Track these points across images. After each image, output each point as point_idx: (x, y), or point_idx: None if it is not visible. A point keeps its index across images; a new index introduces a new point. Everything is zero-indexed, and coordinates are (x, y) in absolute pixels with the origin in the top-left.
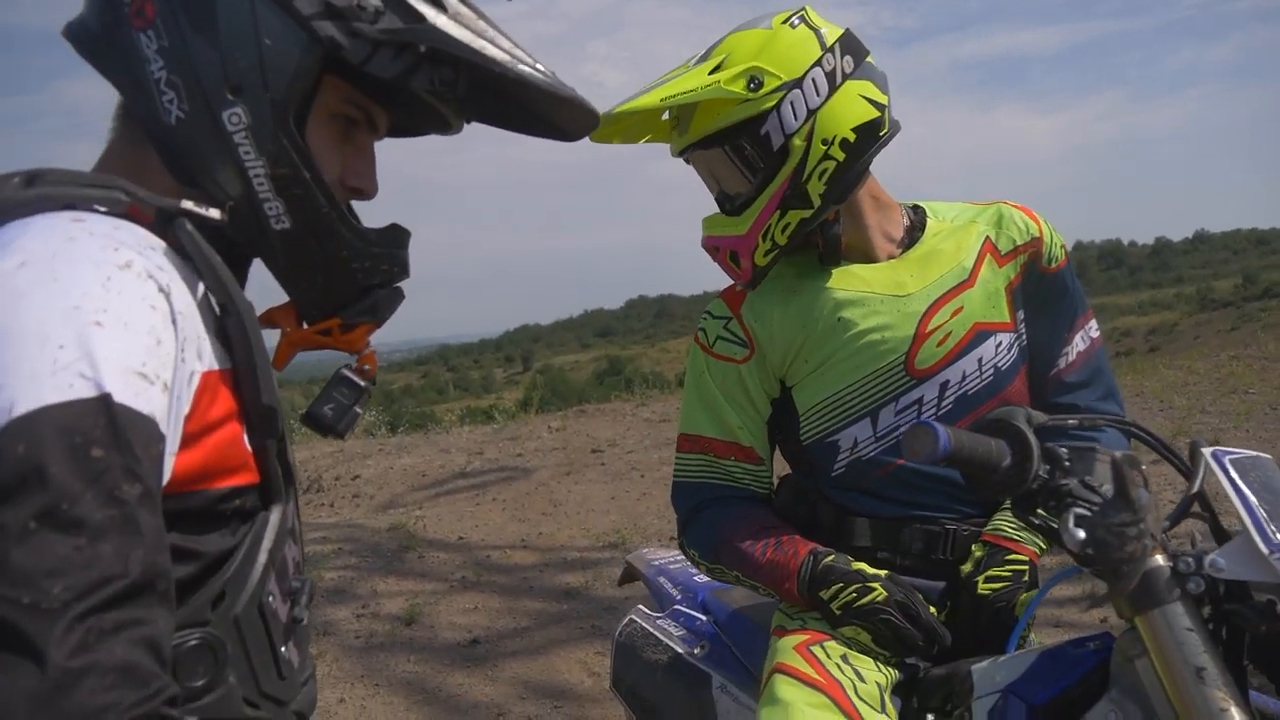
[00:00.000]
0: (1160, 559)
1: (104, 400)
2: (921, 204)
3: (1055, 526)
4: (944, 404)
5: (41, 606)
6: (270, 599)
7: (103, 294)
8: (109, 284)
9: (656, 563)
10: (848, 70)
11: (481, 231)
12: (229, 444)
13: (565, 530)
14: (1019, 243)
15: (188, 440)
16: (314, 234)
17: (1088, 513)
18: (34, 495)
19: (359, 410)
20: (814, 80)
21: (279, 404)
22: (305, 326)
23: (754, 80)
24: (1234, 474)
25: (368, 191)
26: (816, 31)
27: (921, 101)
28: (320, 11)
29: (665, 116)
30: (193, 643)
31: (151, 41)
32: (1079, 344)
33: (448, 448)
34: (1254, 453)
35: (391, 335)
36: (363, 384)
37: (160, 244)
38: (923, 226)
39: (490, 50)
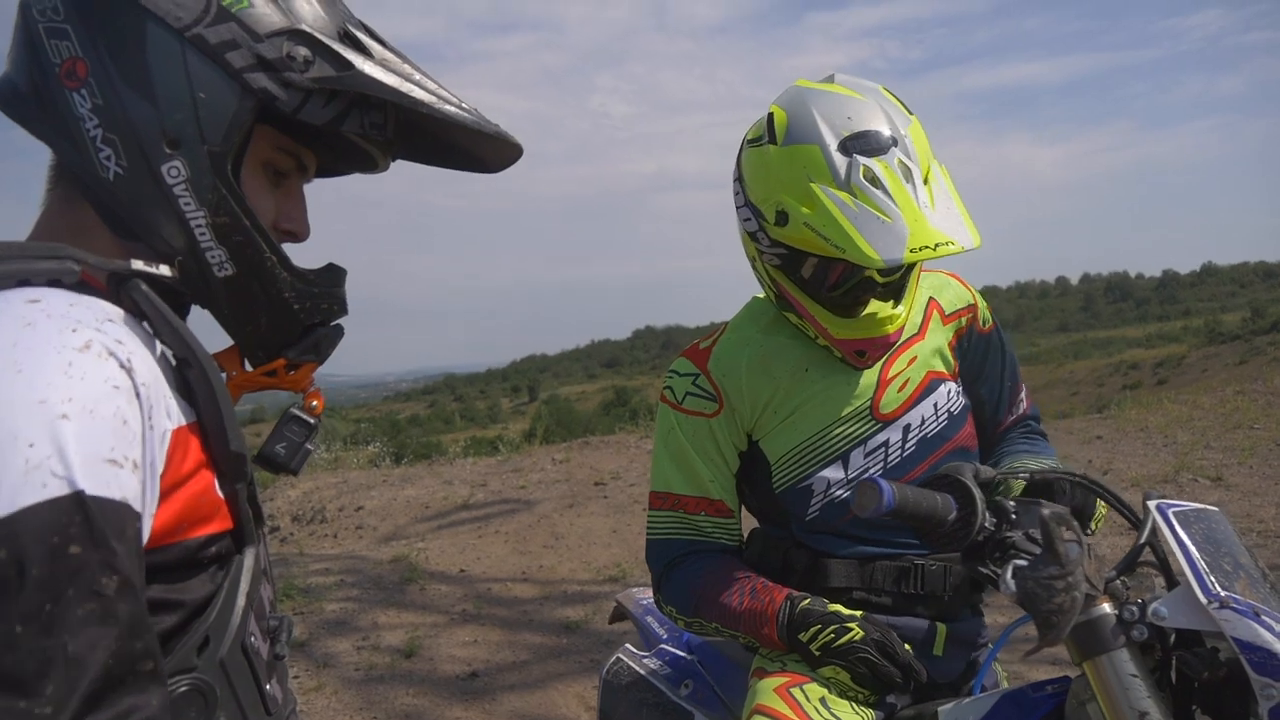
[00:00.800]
0: (1107, 607)
1: (77, 497)
2: None
3: (994, 580)
4: (907, 446)
5: (35, 713)
6: (252, 639)
7: (66, 383)
8: (70, 370)
9: (645, 602)
10: None
11: (489, 262)
12: (202, 494)
13: (566, 564)
14: (958, 307)
15: (164, 495)
16: (257, 278)
17: (1025, 564)
18: (18, 598)
19: (310, 447)
20: None
21: (246, 450)
22: (249, 369)
23: None
24: (1177, 526)
25: (300, 234)
26: None
27: (928, 132)
28: (252, 64)
29: None
30: (183, 689)
31: (85, 100)
32: (1023, 390)
33: (451, 479)
34: (1201, 505)
35: (398, 365)
36: (312, 421)
37: (117, 312)
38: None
39: (417, 93)
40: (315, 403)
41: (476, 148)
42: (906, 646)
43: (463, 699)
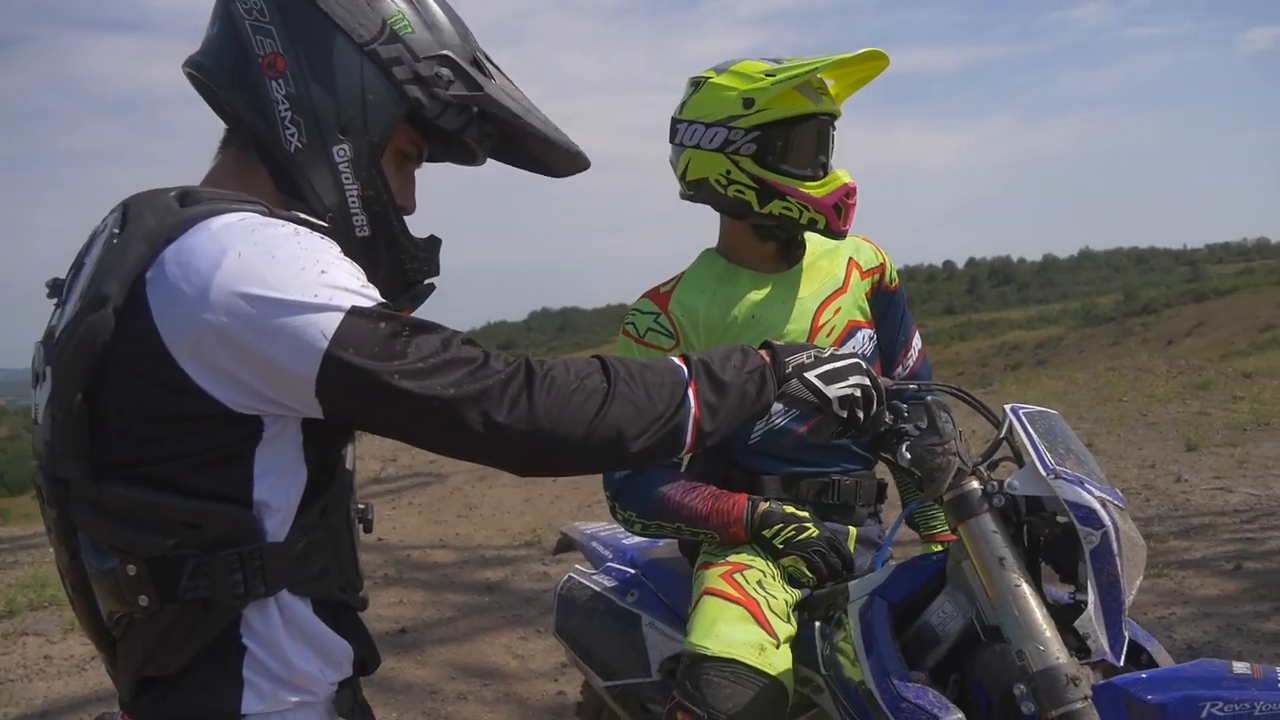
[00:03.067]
0: (975, 483)
1: (356, 310)
2: None
3: (894, 457)
4: None
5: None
6: (352, 514)
7: (304, 253)
8: (301, 244)
9: (588, 531)
10: None
11: None
12: None
13: (482, 531)
14: (872, 265)
15: None
16: (385, 241)
17: (913, 438)
18: (391, 354)
19: None
20: None
21: None
22: None
23: None
24: (1026, 422)
25: (410, 208)
26: None
27: None
28: (410, 78)
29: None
30: (309, 540)
31: (281, 88)
32: (916, 343)
33: (361, 454)
34: (1044, 409)
35: None
36: None
37: None
38: (803, 247)
39: (528, 117)
40: None
41: (553, 159)
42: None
43: (395, 652)
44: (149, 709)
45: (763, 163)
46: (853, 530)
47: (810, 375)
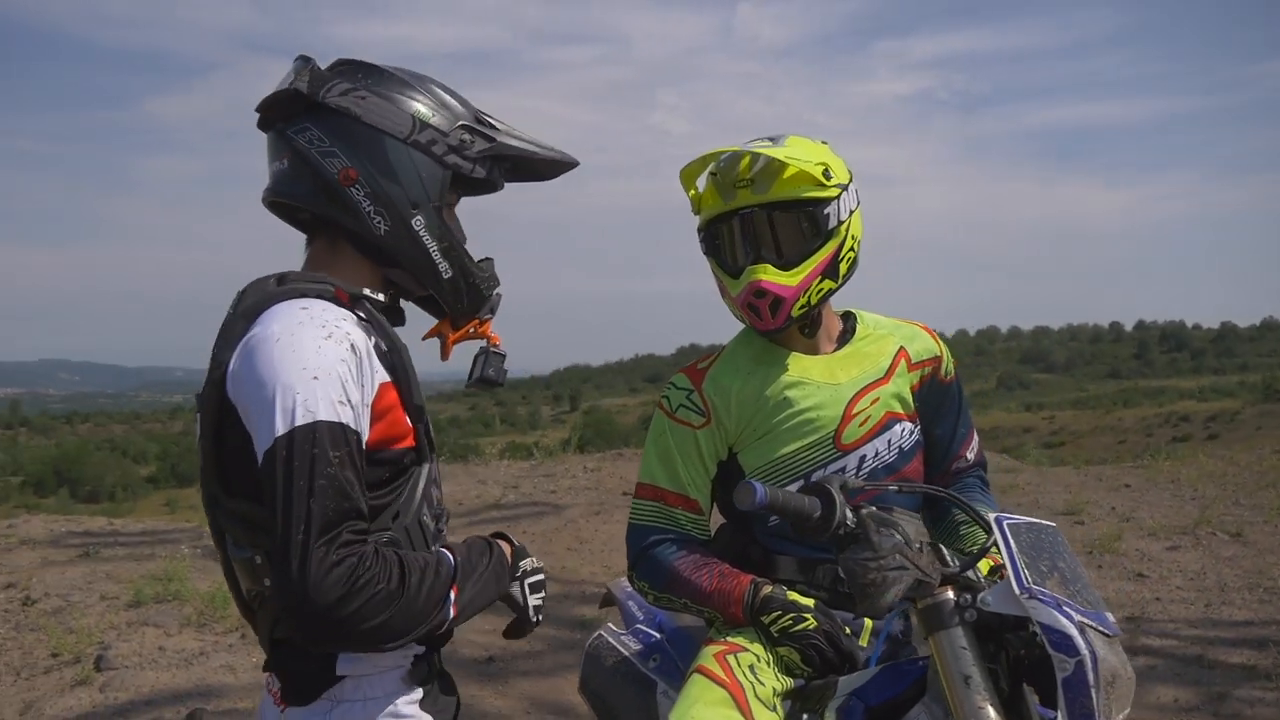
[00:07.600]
0: (950, 593)
1: (319, 424)
2: (853, 311)
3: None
4: (861, 473)
5: (297, 539)
6: (424, 517)
7: (316, 358)
8: (320, 351)
9: (629, 589)
10: (859, 200)
11: (537, 268)
12: (397, 421)
13: (588, 566)
14: (925, 358)
15: (375, 418)
16: (462, 275)
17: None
18: (294, 478)
19: (506, 368)
20: (853, 191)
21: (423, 401)
22: (456, 331)
23: (826, 172)
24: (1008, 535)
25: (465, 240)
26: (844, 162)
27: (987, 168)
28: (446, 151)
29: (748, 175)
30: (385, 539)
31: (359, 191)
32: (974, 434)
33: (485, 479)
34: (1038, 520)
35: (440, 367)
36: (504, 351)
37: (351, 316)
38: (853, 330)
39: (533, 148)
40: (497, 341)
41: (550, 170)
42: (846, 630)
43: (479, 680)
44: (278, 665)
45: (715, 260)
46: (868, 623)
47: (528, 582)
